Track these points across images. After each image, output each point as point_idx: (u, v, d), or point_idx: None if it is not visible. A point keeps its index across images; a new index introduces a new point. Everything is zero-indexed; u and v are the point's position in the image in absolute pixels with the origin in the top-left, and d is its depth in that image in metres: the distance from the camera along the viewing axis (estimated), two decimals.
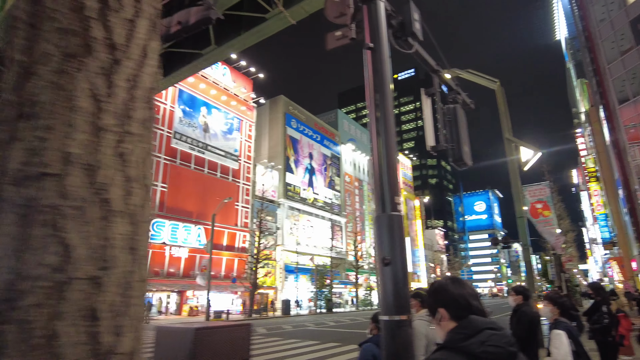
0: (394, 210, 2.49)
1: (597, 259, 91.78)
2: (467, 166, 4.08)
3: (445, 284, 1.56)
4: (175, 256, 35.75)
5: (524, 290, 5.04)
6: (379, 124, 2.65)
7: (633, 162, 29.36)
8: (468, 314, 1.45)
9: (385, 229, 2.46)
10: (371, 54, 2.81)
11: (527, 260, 12.04)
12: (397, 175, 2.62)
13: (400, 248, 2.45)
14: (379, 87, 2.72)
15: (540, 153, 12.26)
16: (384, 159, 2.57)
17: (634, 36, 28.96)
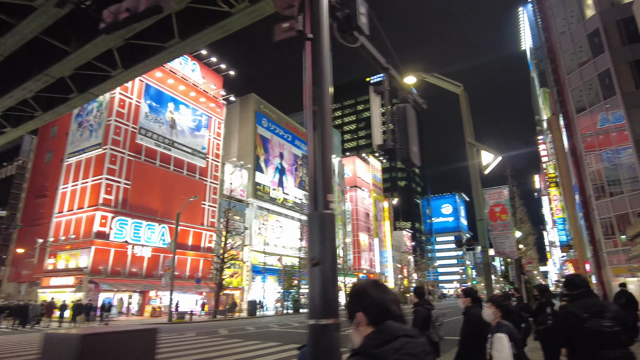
0: (326, 208, 2.38)
1: (556, 261, 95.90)
2: (415, 166, 4.03)
3: (366, 287, 1.49)
4: (137, 255, 34.66)
5: (473, 293, 5.08)
6: (315, 118, 2.54)
7: (588, 169, 30.72)
8: (386, 319, 1.38)
9: (316, 228, 2.35)
10: (311, 45, 2.70)
11: (486, 262, 12.29)
12: (331, 172, 2.51)
13: (330, 248, 2.34)
14: (317, 81, 2.61)
15: (500, 157, 12.55)
16: (318, 155, 2.46)
17: (591, 49, 30.32)
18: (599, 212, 29.81)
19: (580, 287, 3.17)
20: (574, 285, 3.21)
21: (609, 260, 29.19)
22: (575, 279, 3.25)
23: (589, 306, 2.96)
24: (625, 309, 12.69)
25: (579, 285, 3.19)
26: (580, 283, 3.21)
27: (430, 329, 5.77)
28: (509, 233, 12.00)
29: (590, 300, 3.06)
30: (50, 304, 25.69)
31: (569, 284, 3.27)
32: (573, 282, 3.23)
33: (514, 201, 34.73)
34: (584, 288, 3.16)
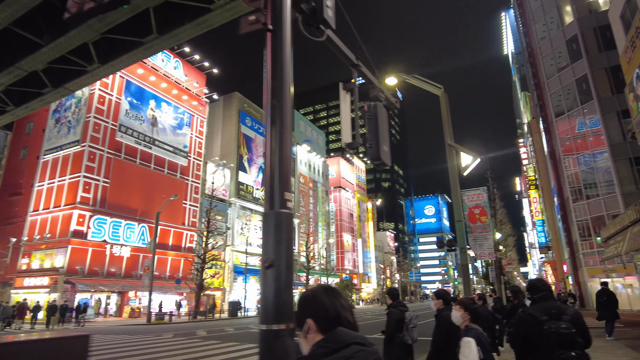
0: (283, 207, 2.27)
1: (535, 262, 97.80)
2: (385, 166, 3.95)
3: (317, 292, 1.40)
4: (116, 255, 33.92)
5: (445, 295, 5.03)
6: (274, 113, 2.43)
7: (567, 172, 31.36)
8: (338, 326, 1.30)
9: (271, 228, 2.24)
10: (271, 37, 2.58)
11: (464, 264, 12.35)
12: (290, 169, 2.40)
13: (286, 249, 2.23)
14: (277, 74, 2.50)
15: (479, 159, 12.63)
16: (277, 151, 2.35)
17: (569, 55, 30.97)
18: (576, 215, 30.46)
19: (542, 291, 3.25)
20: (536, 289, 3.29)
21: (585, 261, 29.85)
22: (538, 283, 3.34)
23: (548, 309, 3.05)
24: (606, 306, 12.95)
25: (540, 288, 3.27)
26: (542, 287, 3.30)
27: (404, 331, 5.70)
28: (488, 235, 12.09)
29: (550, 304, 3.15)
30: (22, 305, 24.87)
31: (531, 287, 3.37)
32: (535, 285, 3.32)
33: (494, 203, 35.22)
34: (545, 292, 3.26)
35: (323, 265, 58.08)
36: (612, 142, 27.34)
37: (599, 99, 28.20)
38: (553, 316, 2.96)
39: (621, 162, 27.01)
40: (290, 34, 2.63)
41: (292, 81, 2.55)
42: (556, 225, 42.02)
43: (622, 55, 15.96)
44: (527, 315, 3.18)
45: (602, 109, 27.98)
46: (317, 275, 56.67)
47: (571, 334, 2.82)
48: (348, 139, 3.61)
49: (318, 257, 59.06)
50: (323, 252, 61.65)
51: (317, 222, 67.48)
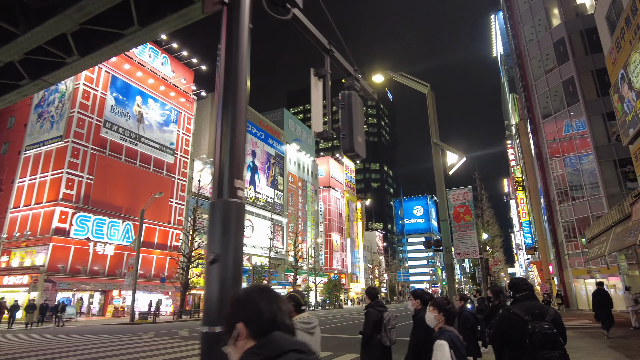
0: (232, 196, 2.05)
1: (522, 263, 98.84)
2: (359, 158, 3.76)
3: (251, 293, 1.23)
4: (100, 253, 33.28)
5: (423, 294, 4.86)
6: (228, 92, 2.21)
7: (553, 174, 31.60)
8: (273, 331, 1.14)
9: (219, 218, 2.02)
10: (227, 12, 2.36)
11: (449, 263, 12.25)
12: (243, 154, 2.19)
13: (235, 243, 2.01)
14: (231, 51, 2.28)
15: (464, 158, 12.54)
16: (227, 134, 2.13)
17: (556, 57, 31.21)
18: (562, 216, 30.71)
19: (524, 290, 3.23)
20: (518, 288, 3.27)
21: (570, 262, 30.11)
22: (520, 282, 3.31)
23: (531, 309, 3.03)
24: (600, 306, 12.95)
25: (522, 287, 3.25)
26: (524, 286, 3.27)
27: (382, 332, 5.51)
28: (471, 233, 12.01)
29: (532, 303, 3.13)
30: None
31: (513, 286, 3.34)
32: (517, 284, 3.29)
33: (481, 203, 35.37)
34: (527, 291, 3.24)
35: (311, 265, 57.86)
36: (598, 144, 27.60)
37: (585, 101, 28.45)
38: (536, 316, 2.95)
39: (606, 164, 27.28)
40: (249, 10, 2.41)
41: (248, 60, 2.33)
42: (542, 226, 42.40)
43: (608, 56, 16.04)
44: (510, 314, 3.14)
45: (588, 111, 28.23)
46: (305, 274, 56.45)
47: (554, 334, 2.83)
48: (319, 127, 3.41)
49: (306, 257, 58.83)
50: (311, 252, 61.43)
51: (306, 222, 67.25)
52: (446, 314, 3.23)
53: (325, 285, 59.13)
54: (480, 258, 31.65)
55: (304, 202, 67.93)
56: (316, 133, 3.42)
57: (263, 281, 44.09)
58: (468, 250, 11.83)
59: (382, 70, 14.53)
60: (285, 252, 57.03)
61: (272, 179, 58.56)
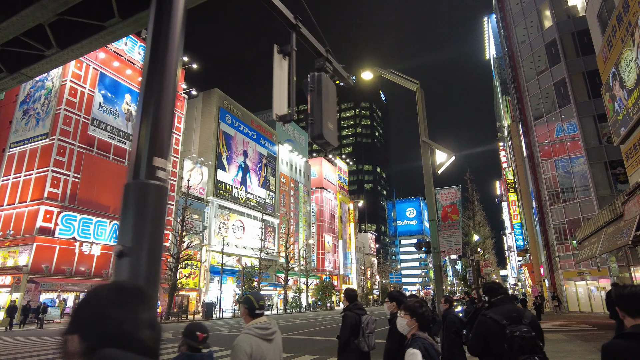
0: (151, 177, 1.70)
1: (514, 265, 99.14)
2: (330, 147, 3.43)
3: (101, 293, 0.93)
4: (86, 253, 32.62)
5: (399, 297, 4.56)
6: (159, 42, 1.86)
7: (544, 175, 31.54)
8: (110, 347, 0.82)
9: (132, 204, 1.67)
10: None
11: (437, 264, 11.95)
12: (169, 129, 1.84)
13: (152, 234, 1.66)
14: (164, 10, 1.94)
15: (454, 156, 12.25)
16: (155, 99, 1.78)
17: (548, 59, 31.18)
18: (553, 218, 30.65)
19: (499, 294, 3.17)
20: (493, 292, 3.20)
21: (561, 264, 30.04)
22: (495, 286, 3.26)
23: (508, 312, 2.96)
24: (613, 307, 12.71)
25: (498, 292, 3.19)
26: (499, 290, 3.22)
27: (360, 336, 5.15)
28: (456, 232, 11.75)
29: (509, 307, 3.07)
30: None
31: (489, 290, 3.27)
32: (493, 288, 3.23)
33: (473, 205, 35.26)
34: (503, 294, 3.19)
35: (303, 266, 57.43)
36: (589, 146, 27.56)
37: (576, 102, 28.42)
38: (514, 320, 2.88)
39: (597, 166, 27.25)
40: None
41: (183, 25, 1.98)
42: (534, 228, 42.40)
43: (599, 55, 15.90)
44: (487, 319, 3.01)
45: (579, 112, 28.20)
46: (296, 276, 56.02)
47: (532, 337, 2.75)
48: (281, 109, 3.07)
49: (298, 258, 58.41)
50: (303, 253, 61.01)
51: (298, 223, 66.82)
52: (419, 318, 2.90)
53: (317, 286, 58.72)
54: (472, 260, 31.50)
55: (296, 203, 67.51)
56: (277, 116, 3.09)
57: (254, 283, 43.60)
58: (452, 247, 11.57)
59: (370, 67, 14.23)
60: (276, 254, 56.56)
61: (264, 179, 58.08)
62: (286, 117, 3.11)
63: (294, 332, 19.24)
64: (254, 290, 43.09)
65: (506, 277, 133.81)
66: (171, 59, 1.90)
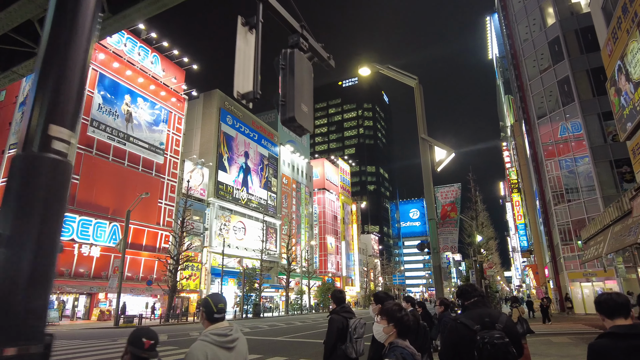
0: (44, 149, 1.36)
1: (518, 266, 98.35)
2: (304, 131, 3.10)
3: None
4: (85, 255, 32.41)
5: (386, 298, 4.23)
6: None
7: (548, 175, 31.04)
8: None
9: (17, 182, 1.32)
10: None
11: (436, 265, 11.59)
12: (79, 91, 1.50)
13: (45, 220, 1.32)
14: None
15: (453, 153, 11.90)
16: (60, 53, 1.45)
17: (551, 56, 30.71)
18: (557, 218, 30.14)
19: (473, 297, 2.95)
20: (466, 295, 2.97)
21: (565, 265, 29.51)
22: (468, 288, 3.02)
23: (481, 317, 2.75)
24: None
25: (471, 294, 2.97)
26: (472, 292, 3.00)
27: (347, 341, 4.77)
28: (454, 229, 11.41)
29: (482, 311, 2.84)
30: None
31: (462, 293, 3.02)
32: (466, 291, 2.99)
33: (476, 205, 34.75)
34: (477, 297, 2.96)
35: (304, 268, 57.04)
36: (593, 145, 27.06)
37: (580, 100, 27.93)
38: (486, 325, 2.69)
39: (602, 165, 26.75)
40: None
41: None
42: (538, 228, 41.84)
43: (604, 48, 15.47)
44: (458, 324, 2.80)
45: (583, 110, 27.71)
46: (298, 277, 55.64)
47: (505, 344, 2.54)
48: (245, 87, 2.73)
49: (300, 260, 58.05)
50: (305, 254, 60.62)
51: (300, 224, 66.49)
52: (398, 324, 2.55)
53: (319, 288, 58.31)
54: (474, 261, 31.02)
55: (298, 204, 67.18)
56: (239, 94, 2.74)
57: (255, 284, 43.24)
58: (447, 244, 11.23)
59: (368, 63, 13.90)
60: (278, 255, 56.21)
61: (266, 180, 57.80)
62: (249, 96, 2.77)
63: (292, 334, 18.89)
64: (256, 291, 42.72)
65: (510, 279, 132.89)
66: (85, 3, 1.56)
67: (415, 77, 13.38)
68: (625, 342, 2.11)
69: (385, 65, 13.92)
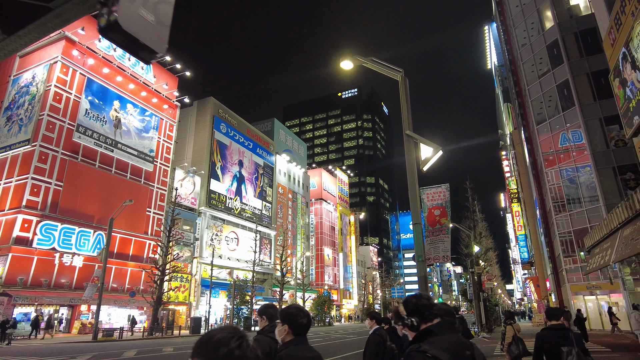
0: None
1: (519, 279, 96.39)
2: (149, 53, 2.00)
3: None
4: (67, 265, 31.13)
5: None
6: None
7: (549, 184, 29.84)
8: None
9: None
10: None
11: (422, 275, 10.32)
12: None
13: None
14: None
15: (441, 151, 10.74)
16: None
17: (550, 60, 29.78)
18: (559, 228, 28.84)
19: (435, 316, 2.04)
20: (424, 312, 2.05)
21: (568, 277, 28.11)
22: (425, 302, 2.11)
23: (458, 348, 1.97)
24: None
25: (431, 312, 2.05)
26: (436, 312, 2.08)
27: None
28: (445, 237, 10.17)
29: (456, 339, 2.02)
30: None
31: (416, 309, 2.08)
32: (422, 306, 2.07)
33: (474, 215, 33.48)
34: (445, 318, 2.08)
35: (299, 280, 55.45)
36: (595, 150, 25.90)
37: (581, 105, 26.88)
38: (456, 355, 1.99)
39: (604, 172, 25.55)
40: None
41: None
42: (539, 239, 40.45)
43: (606, 38, 14.43)
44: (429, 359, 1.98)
45: (584, 115, 26.63)
46: (292, 290, 54.06)
47: None
48: None
49: (295, 271, 56.49)
50: (300, 266, 59.04)
51: (296, 235, 65.09)
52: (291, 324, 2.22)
53: (315, 301, 56.64)
54: (472, 272, 29.64)
55: (294, 215, 65.87)
56: None
57: (246, 297, 41.74)
58: (439, 254, 9.97)
59: (350, 56, 12.87)
60: (272, 267, 54.72)
61: (260, 190, 56.63)
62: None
63: None
64: (247, 304, 41.19)
65: (512, 292, 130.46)
66: None
67: (400, 70, 12.32)
68: (555, 332, 3.97)
69: (369, 58, 12.88)
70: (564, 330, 3.96)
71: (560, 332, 3.91)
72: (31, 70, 33.89)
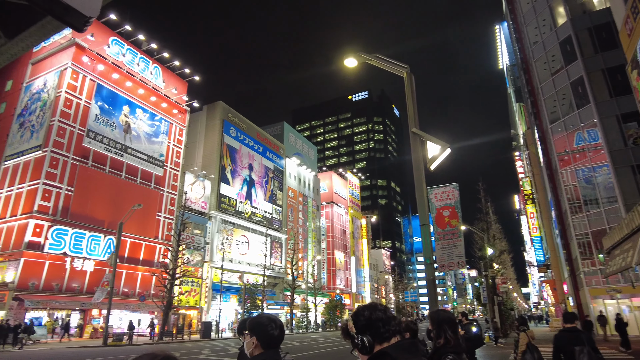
0: None
1: (535, 282, 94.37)
2: (87, 21, 1.75)
3: None
4: (78, 269, 31.31)
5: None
6: None
7: (564, 184, 29.00)
8: None
9: None
10: None
11: (430, 279, 9.89)
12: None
13: None
14: None
15: (449, 149, 10.32)
16: None
17: (563, 57, 29.02)
18: (575, 229, 27.96)
19: (394, 333, 1.55)
20: (378, 328, 1.55)
21: (586, 281, 27.19)
22: (380, 315, 1.60)
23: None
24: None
25: (389, 329, 1.55)
26: (390, 325, 1.57)
27: None
28: (458, 241, 9.67)
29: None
30: None
31: (369, 324, 1.58)
32: (377, 320, 1.56)
33: (487, 216, 32.70)
34: (399, 334, 1.57)
35: (310, 284, 55.06)
36: (612, 149, 25.06)
37: (596, 102, 26.07)
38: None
39: (622, 171, 24.69)
40: None
41: None
42: (554, 241, 39.39)
43: (622, 28, 13.84)
44: None
45: (599, 113, 25.82)
46: (304, 294, 53.67)
47: None
48: None
49: (306, 275, 56.12)
50: (311, 270, 58.65)
51: (307, 239, 64.75)
52: None
53: (327, 305, 56.14)
54: (485, 276, 28.91)
55: (304, 218, 65.58)
56: None
57: (257, 301, 41.51)
58: (453, 260, 9.50)
59: (354, 53, 12.56)
60: (283, 271, 54.44)
61: (271, 193, 56.51)
62: None
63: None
64: (258, 308, 40.93)
65: (528, 295, 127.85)
66: None
67: (406, 66, 11.94)
68: (569, 333, 4.61)
69: (374, 55, 12.55)
70: (577, 332, 4.66)
71: (574, 334, 4.60)
72: (42, 77, 34.33)
